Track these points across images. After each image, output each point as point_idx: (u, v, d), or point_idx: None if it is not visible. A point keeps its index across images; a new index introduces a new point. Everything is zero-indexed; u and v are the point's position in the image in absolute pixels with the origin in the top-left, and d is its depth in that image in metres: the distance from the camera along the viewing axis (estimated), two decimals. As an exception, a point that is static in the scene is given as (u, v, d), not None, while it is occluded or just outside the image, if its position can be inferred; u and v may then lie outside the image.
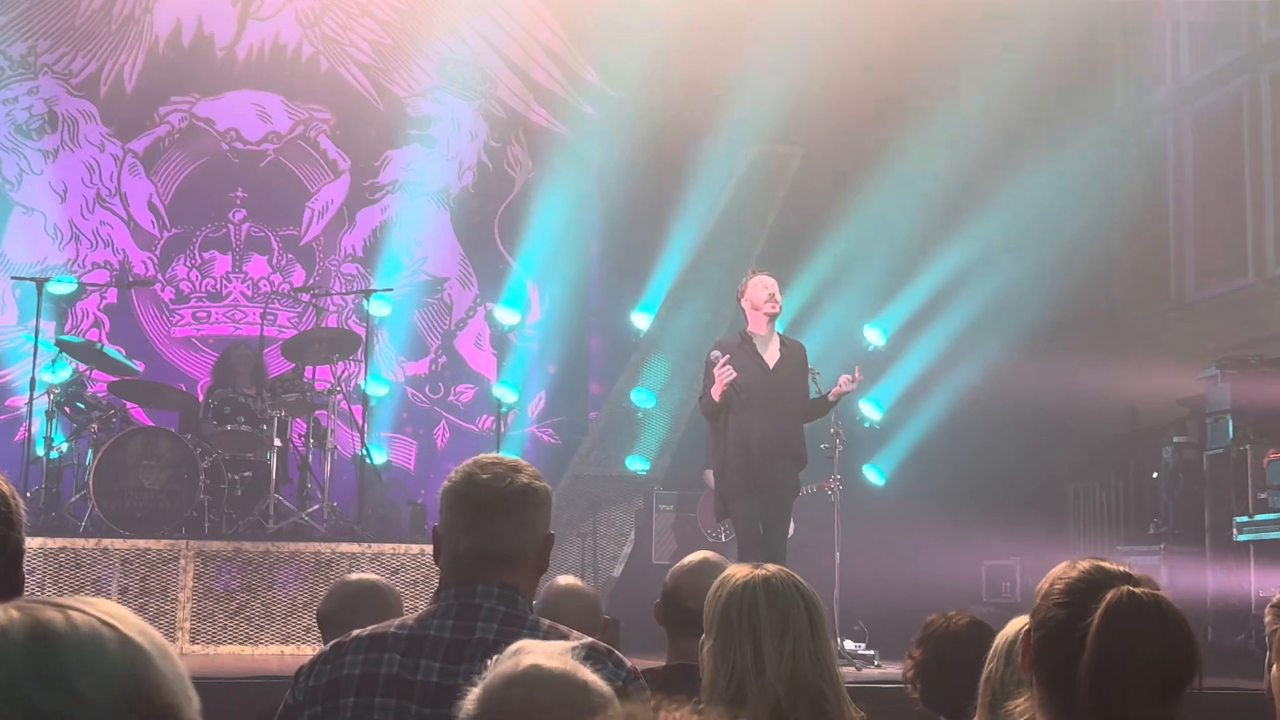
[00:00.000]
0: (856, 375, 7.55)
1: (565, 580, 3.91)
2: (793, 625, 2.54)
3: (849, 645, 7.90)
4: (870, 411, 10.82)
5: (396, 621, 2.54)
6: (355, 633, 2.53)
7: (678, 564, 3.48)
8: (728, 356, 7.27)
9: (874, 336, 10.89)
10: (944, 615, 3.30)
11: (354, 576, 3.76)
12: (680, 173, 11.48)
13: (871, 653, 7.87)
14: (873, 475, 10.93)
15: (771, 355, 7.49)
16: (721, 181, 11.69)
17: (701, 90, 11.23)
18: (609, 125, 11.80)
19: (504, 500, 2.50)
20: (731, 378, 7.17)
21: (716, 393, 7.20)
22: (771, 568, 2.69)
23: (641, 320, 11.61)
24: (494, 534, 2.49)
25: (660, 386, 11.31)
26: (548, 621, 2.55)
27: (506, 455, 2.64)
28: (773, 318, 7.48)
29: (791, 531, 8.99)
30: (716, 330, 11.40)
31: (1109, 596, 1.83)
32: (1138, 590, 1.83)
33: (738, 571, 2.71)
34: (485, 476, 2.52)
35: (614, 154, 11.77)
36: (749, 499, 7.28)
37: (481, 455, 2.62)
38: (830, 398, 7.52)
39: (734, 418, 7.30)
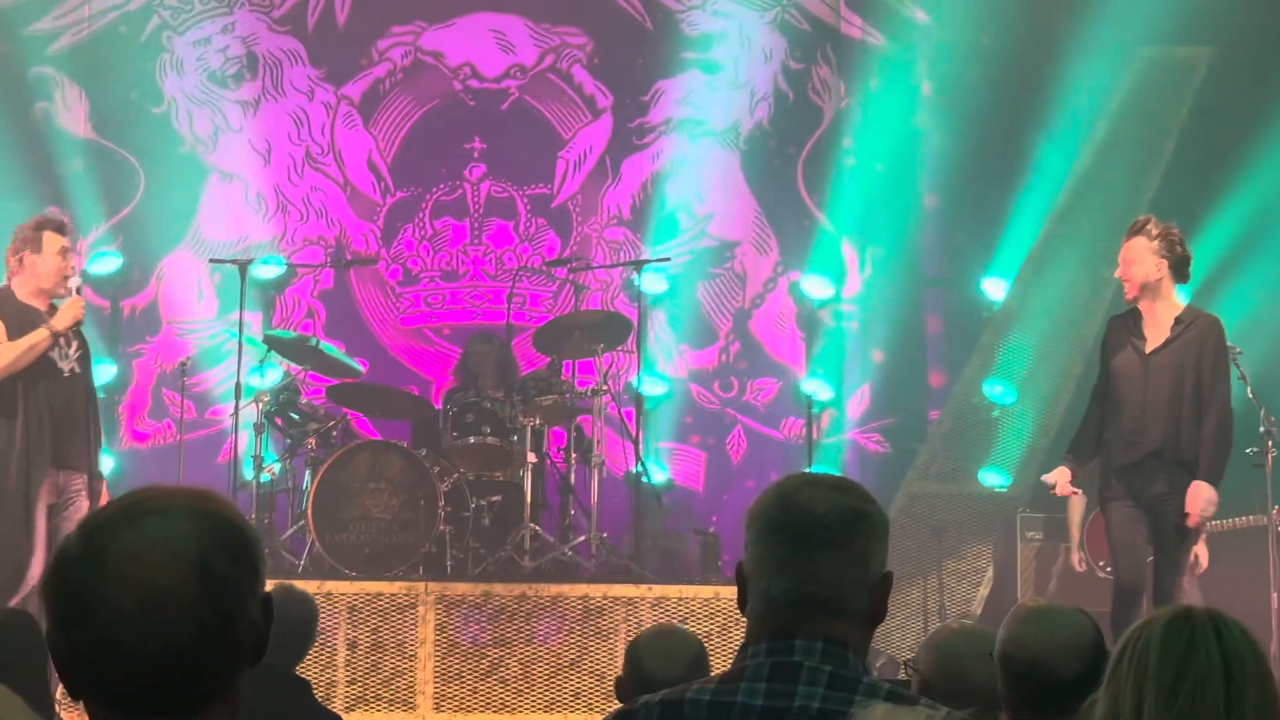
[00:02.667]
0: None
1: (955, 624, 3.97)
2: (1192, 683, 2.46)
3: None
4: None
5: (694, 684, 2.60)
6: (644, 699, 2.61)
7: (1013, 613, 3.48)
8: None
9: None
10: None
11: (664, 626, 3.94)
12: (1043, 92, 11.25)
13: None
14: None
15: (1155, 335, 7.58)
16: (1100, 101, 11.41)
17: (1070, -23, 11.04)
18: (946, 33, 11.67)
19: (829, 529, 2.53)
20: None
21: None
22: (1194, 606, 2.63)
23: (996, 289, 11.45)
24: (816, 573, 2.53)
25: (1022, 376, 11.13)
26: (889, 683, 2.58)
27: (827, 472, 2.68)
28: (1138, 300, 7.61)
29: (1204, 565, 8.79)
30: (1096, 301, 11.15)
31: None
32: None
33: (1156, 611, 2.68)
34: (804, 498, 2.56)
35: (953, 72, 11.63)
36: (1121, 507, 7.58)
37: (798, 472, 2.66)
38: None
39: (1108, 417, 7.68)
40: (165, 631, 1.78)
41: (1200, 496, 7.36)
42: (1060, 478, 7.84)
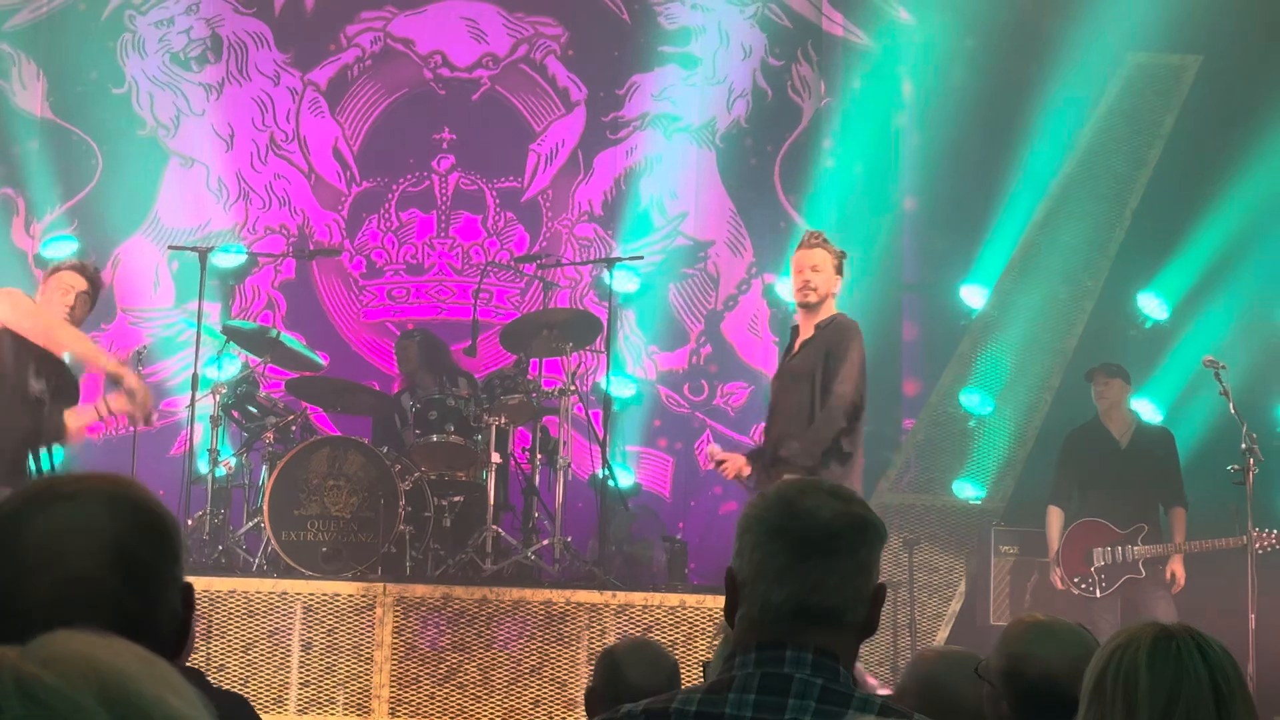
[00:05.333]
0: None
1: (937, 649, 3.96)
2: (1185, 704, 2.47)
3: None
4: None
5: (679, 694, 2.57)
6: (626, 708, 2.58)
7: (1016, 628, 3.46)
8: None
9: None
10: None
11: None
12: (1028, 96, 11.27)
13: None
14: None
15: (799, 346, 7.80)
16: (1086, 106, 11.44)
17: (1058, -19, 11.06)
18: (930, 34, 11.68)
19: (836, 537, 2.52)
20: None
21: None
22: (1169, 624, 2.64)
23: (974, 297, 11.46)
24: (820, 582, 2.51)
25: (1000, 386, 11.16)
26: (882, 698, 2.56)
27: (821, 480, 2.66)
28: (806, 308, 7.75)
29: (1180, 583, 8.84)
30: (1077, 311, 11.19)
31: None
32: None
33: (1128, 629, 2.69)
34: (809, 504, 2.54)
35: (936, 73, 11.65)
36: None
37: (796, 479, 2.64)
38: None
39: None
40: (83, 619, 1.66)
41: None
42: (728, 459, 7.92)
